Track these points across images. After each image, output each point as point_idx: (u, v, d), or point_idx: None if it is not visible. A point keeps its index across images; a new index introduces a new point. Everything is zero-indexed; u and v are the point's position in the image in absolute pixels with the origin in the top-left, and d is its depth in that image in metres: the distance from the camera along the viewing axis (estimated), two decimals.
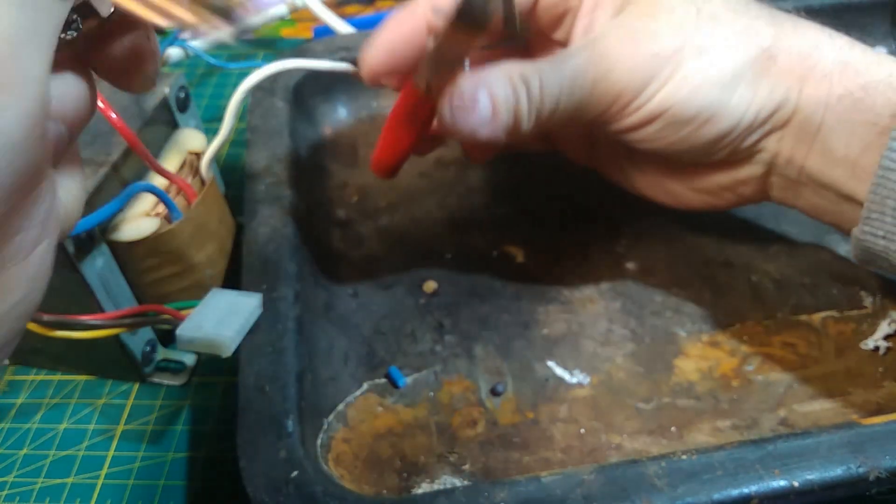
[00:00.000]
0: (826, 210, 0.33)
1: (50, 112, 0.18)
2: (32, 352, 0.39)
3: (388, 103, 0.48)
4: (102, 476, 0.35)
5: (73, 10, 0.21)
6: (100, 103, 0.32)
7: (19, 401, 0.38)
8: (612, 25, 0.32)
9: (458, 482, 0.32)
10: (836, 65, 0.31)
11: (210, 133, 0.40)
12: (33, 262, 0.19)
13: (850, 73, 0.31)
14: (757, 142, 0.32)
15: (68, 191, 0.22)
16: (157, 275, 0.36)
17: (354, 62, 0.35)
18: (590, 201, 0.42)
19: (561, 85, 0.31)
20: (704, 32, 0.31)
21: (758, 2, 0.33)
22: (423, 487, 0.31)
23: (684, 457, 0.27)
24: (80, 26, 0.21)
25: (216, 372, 0.38)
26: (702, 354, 0.36)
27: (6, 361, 0.40)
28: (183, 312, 0.32)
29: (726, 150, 0.32)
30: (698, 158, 0.33)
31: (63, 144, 0.21)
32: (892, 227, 0.29)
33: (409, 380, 0.35)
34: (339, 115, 0.47)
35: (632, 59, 0.31)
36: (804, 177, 0.32)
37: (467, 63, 0.30)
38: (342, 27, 0.53)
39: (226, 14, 0.19)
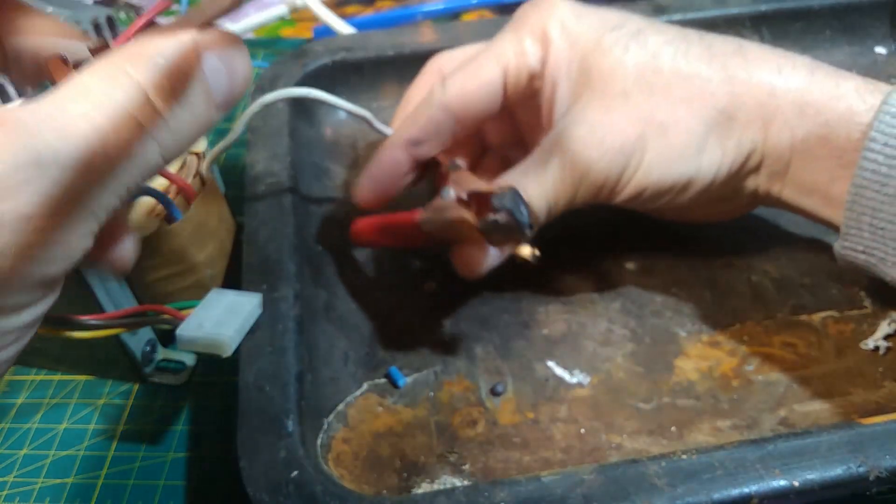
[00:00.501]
0: (813, 219, 0.35)
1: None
2: (32, 352, 0.39)
3: (387, 104, 0.48)
4: (102, 476, 0.35)
5: None
6: None
7: (19, 401, 0.38)
8: (575, 122, 0.34)
9: (458, 482, 0.32)
10: (795, 108, 0.32)
11: (210, 133, 0.40)
12: None
13: (809, 113, 0.32)
14: (735, 185, 0.34)
15: None
16: (157, 275, 0.36)
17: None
18: None
19: (547, 200, 0.34)
20: (662, 110, 0.33)
21: (701, 42, 0.34)
22: (423, 487, 0.31)
23: (684, 456, 0.27)
24: None
25: (216, 372, 0.38)
26: (702, 354, 0.36)
27: None
28: (183, 312, 0.32)
29: (708, 197, 0.35)
30: (688, 206, 0.35)
31: None
32: (871, 242, 0.31)
33: (408, 380, 0.35)
34: (339, 116, 0.47)
35: (602, 159, 0.33)
36: (783, 204, 0.35)
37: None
38: (342, 27, 0.53)
39: None
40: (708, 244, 0.40)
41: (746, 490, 0.26)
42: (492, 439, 0.33)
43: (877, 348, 0.35)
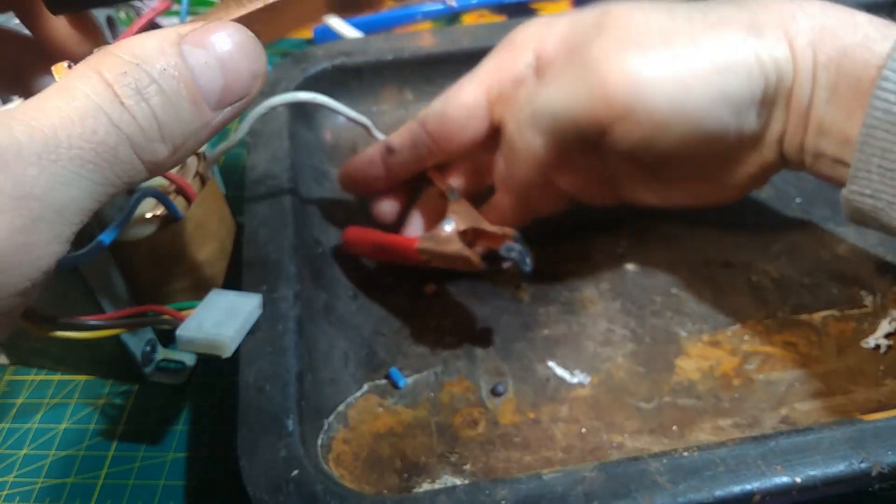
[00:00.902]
0: (825, 174, 0.33)
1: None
2: (33, 352, 0.39)
3: (387, 108, 0.48)
4: (102, 476, 0.35)
5: None
6: None
7: (19, 401, 0.38)
8: (594, 48, 0.33)
9: (458, 482, 0.31)
10: (815, 31, 0.32)
11: None
12: None
13: (828, 38, 0.31)
14: (771, 109, 0.33)
15: None
16: (157, 275, 0.36)
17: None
18: None
19: (559, 110, 0.34)
20: (688, 31, 0.33)
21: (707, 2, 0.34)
22: (424, 487, 0.31)
23: (686, 454, 0.27)
24: None
25: (216, 372, 0.38)
26: (702, 354, 0.36)
27: (6, 360, 0.40)
28: (183, 312, 0.32)
29: (741, 137, 0.33)
30: (724, 155, 0.34)
31: None
32: (879, 185, 0.30)
33: (409, 381, 0.35)
34: (338, 119, 0.47)
35: (622, 57, 0.32)
36: (804, 155, 0.33)
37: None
38: (342, 27, 0.53)
39: None
40: (708, 244, 0.40)
41: (748, 487, 0.26)
42: (493, 439, 0.33)
43: (878, 347, 0.35)
